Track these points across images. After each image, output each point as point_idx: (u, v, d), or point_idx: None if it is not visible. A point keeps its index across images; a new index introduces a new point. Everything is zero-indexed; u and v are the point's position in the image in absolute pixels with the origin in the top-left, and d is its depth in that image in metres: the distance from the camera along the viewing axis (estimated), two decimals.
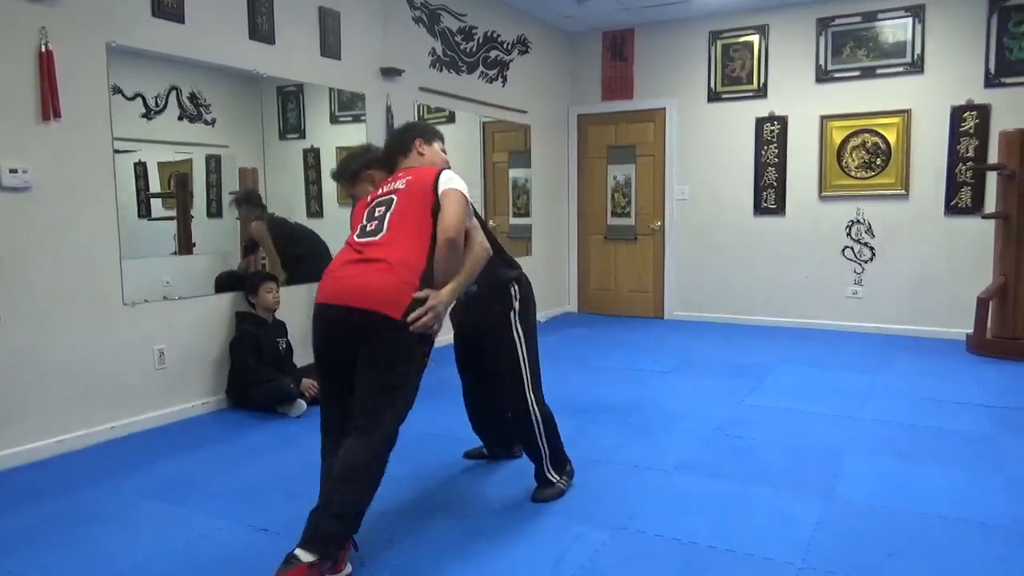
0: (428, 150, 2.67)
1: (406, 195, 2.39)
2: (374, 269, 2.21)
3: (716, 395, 4.40)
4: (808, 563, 2.34)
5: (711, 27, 6.88)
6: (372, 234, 2.31)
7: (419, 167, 2.54)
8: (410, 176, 2.45)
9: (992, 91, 5.86)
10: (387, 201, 2.39)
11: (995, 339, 5.47)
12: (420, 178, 2.43)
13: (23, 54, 3.27)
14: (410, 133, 2.71)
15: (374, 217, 2.36)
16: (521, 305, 2.83)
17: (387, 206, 2.37)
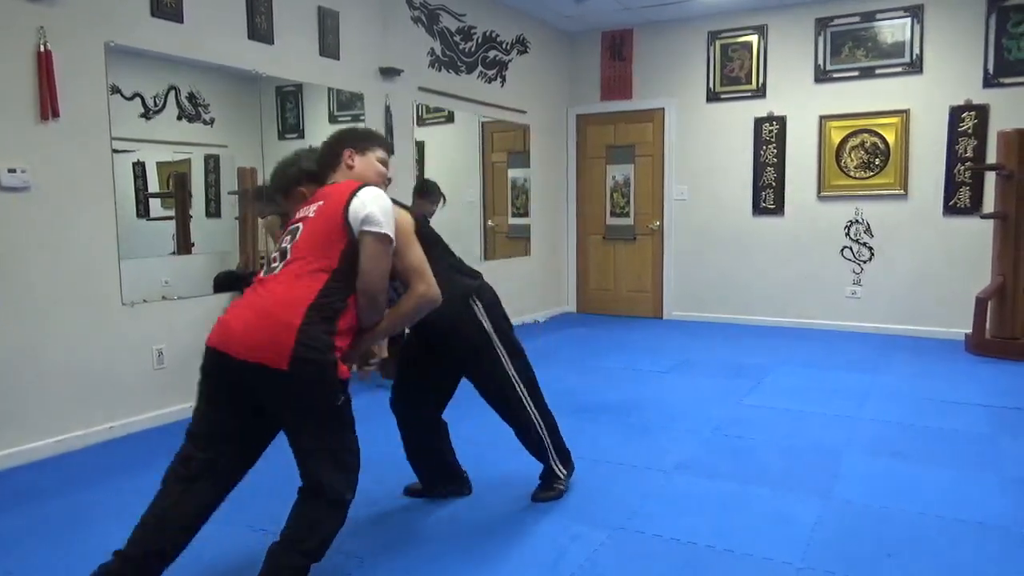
0: (360, 162, 2.29)
1: (311, 224, 2.07)
2: (256, 310, 1.96)
3: (715, 395, 4.40)
4: (807, 563, 2.34)
5: (710, 27, 6.89)
6: (272, 270, 2.03)
7: (337, 185, 2.18)
8: (322, 201, 2.11)
9: (991, 91, 5.87)
10: (293, 231, 2.09)
11: (994, 339, 5.48)
12: (330, 203, 2.08)
13: (22, 54, 3.27)
14: (339, 142, 2.31)
15: (280, 249, 2.08)
16: (489, 315, 2.66)
17: (292, 236, 2.07)
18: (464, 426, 3.87)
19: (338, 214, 2.03)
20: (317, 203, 2.11)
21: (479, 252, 6.59)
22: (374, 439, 3.66)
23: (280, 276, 1.99)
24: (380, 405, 4.35)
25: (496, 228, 6.82)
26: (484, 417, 4.00)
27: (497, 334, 2.68)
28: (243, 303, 2.02)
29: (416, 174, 5.74)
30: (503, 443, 3.56)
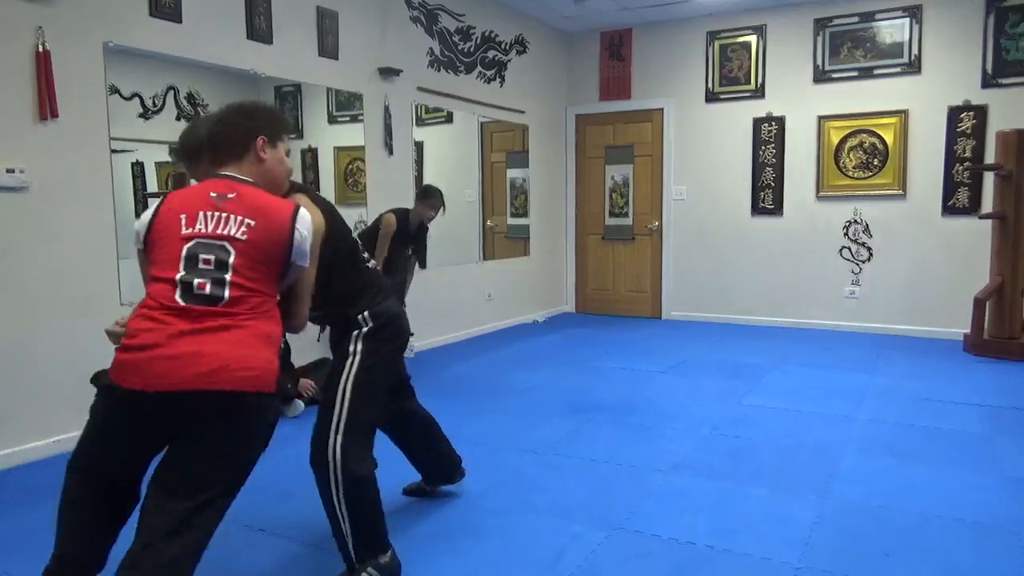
0: (271, 155, 1.94)
1: (252, 248, 1.76)
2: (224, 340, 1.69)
3: (713, 395, 4.40)
4: (805, 562, 2.35)
5: (709, 27, 6.89)
6: (208, 300, 1.70)
7: (258, 191, 1.85)
8: (254, 217, 1.78)
9: (989, 91, 5.87)
10: (217, 248, 1.73)
11: (992, 339, 5.48)
12: (272, 225, 1.79)
13: (20, 54, 3.27)
14: (253, 127, 1.92)
15: (198, 268, 1.72)
16: (375, 328, 2.19)
17: (219, 254, 1.73)
18: (464, 426, 3.87)
19: (281, 247, 1.80)
20: (242, 215, 1.78)
21: (478, 252, 6.59)
22: None
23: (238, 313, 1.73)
24: None
25: (495, 228, 6.83)
26: (483, 417, 4.01)
27: (366, 344, 2.19)
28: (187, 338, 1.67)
29: (415, 175, 5.74)
30: (502, 443, 3.57)
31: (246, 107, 1.99)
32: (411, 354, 5.45)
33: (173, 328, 1.66)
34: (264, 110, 2.03)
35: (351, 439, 2.12)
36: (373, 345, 2.19)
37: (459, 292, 6.29)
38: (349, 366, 2.16)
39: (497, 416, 4.01)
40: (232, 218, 1.77)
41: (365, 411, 2.16)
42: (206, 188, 1.83)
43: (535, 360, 5.47)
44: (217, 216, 1.77)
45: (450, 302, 6.15)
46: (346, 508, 2.12)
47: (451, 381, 4.86)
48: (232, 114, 1.95)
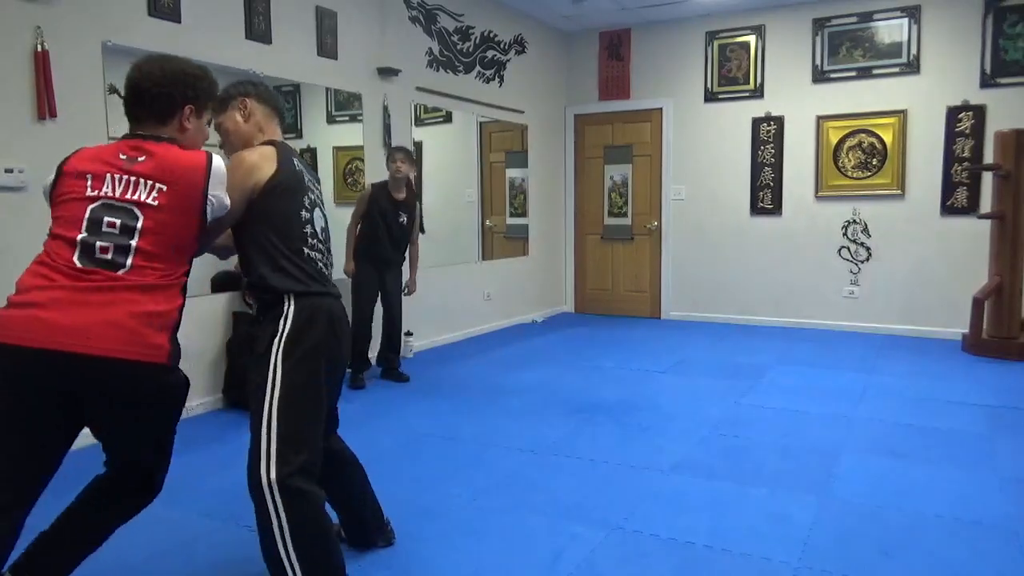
0: (194, 125, 1.90)
1: (163, 214, 1.70)
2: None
3: (712, 395, 4.41)
4: (804, 562, 2.35)
5: (708, 27, 6.89)
6: (109, 264, 1.64)
7: (170, 150, 1.77)
8: (166, 181, 1.71)
9: (988, 91, 5.88)
10: (125, 212, 1.68)
11: (991, 339, 5.49)
12: (185, 190, 1.74)
13: (19, 53, 3.26)
14: (193, 93, 1.88)
15: (102, 231, 1.66)
16: (293, 333, 1.91)
17: (126, 219, 1.67)
18: (462, 426, 3.88)
19: (195, 212, 1.75)
20: (154, 179, 1.71)
21: (477, 252, 6.59)
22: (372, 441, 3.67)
23: (136, 282, 1.66)
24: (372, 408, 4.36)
25: (494, 228, 6.82)
26: (482, 417, 4.01)
27: (285, 356, 1.91)
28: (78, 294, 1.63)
29: (414, 175, 5.73)
30: (501, 443, 3.57)
31: (187, 73, 1.89)
32: (410, 355, 5.45)
33: (61, 291, 1.63)
34: (204, 80, 1.94)
35: (287, 460, 1.84)
36: (299, 351, 1.91)
37: (458, 292, 6.29)
38: (272, 379, 1.88)
39: (496, 416, 4.01)
40: (143, 182, 1.71)
41: (297, 430, 1.88)
42: (117, 149, 1.76)
43: (534, 360, 5.47)
44: (126, 180, 1.70)
45: (449, 302, 6.15)
46: (292, 544, 1.83)
47: (450, 381, 4.85)
48: (171, 76, 1.84)
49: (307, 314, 1.93)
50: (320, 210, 2.09)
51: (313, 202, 2.06)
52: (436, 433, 3.70)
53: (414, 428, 3.80)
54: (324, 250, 2.07)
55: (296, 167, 2.03)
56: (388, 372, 4.84)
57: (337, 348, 2.03)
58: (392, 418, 4.00)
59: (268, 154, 1.98)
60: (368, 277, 4.65)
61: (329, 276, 2.08)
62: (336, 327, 2.01)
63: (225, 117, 2.16)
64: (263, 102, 2.18)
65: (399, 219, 4.67)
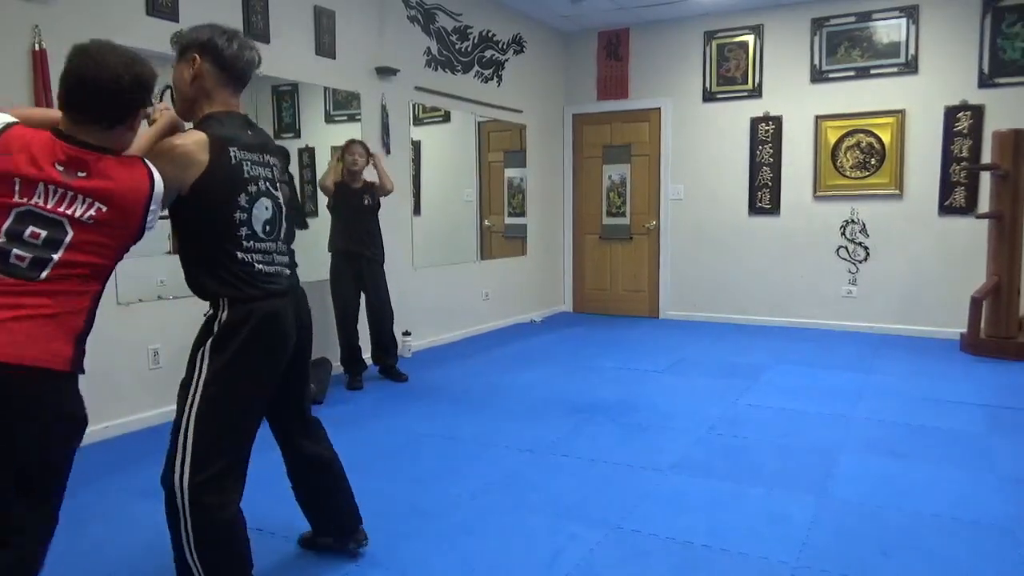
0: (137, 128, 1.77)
1: (97, 231, 1.62)
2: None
3: (711, 395, 4.41)
4: (802, 562, 2.35)
5: (706, 27, 6.89)
6: (22, 274, 1.54)
7: (109, 165, 1.65)
8: (105, 202, 1.62)
9: (986, 91, 5.88)
10: (52, 223, 1.57)
11: (989, 339, 5.49)
12: (124, 210, 1.67)
13: (16, 53, 3.26)
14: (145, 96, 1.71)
15: (22, 239, 1.55)
16: (219, 339, 1.86)
17: (53, 232, 1.57)
18: (461, 426, 3.88)
19: (132, 231, 1.72)
20: (87, 198, 1.60)
21: (475, 252, 6.59)
22: (371, 441, 3.66)
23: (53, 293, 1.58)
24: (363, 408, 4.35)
25: (493, 228, 6.82)
26: (480, 417, 4.01)
27: (212, 360, 1.87)
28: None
29: (412, 174, 5.74)
30: (499, 443, 3.57)
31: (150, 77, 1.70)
32: (408, 354, 5.45)
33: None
34: (149, 77, 1.71)
35: (201, 469, 1.82)
36: (224, 356, 1.85)
37: (456, 291, 6.28)
38: (195, 381, 1.85)
39: (494, 416, 4.00)
40: (80, 199, 1.59)
41: (216, 437, 1.84)
42: (52, 154, 1.58)
43: (532, 359, 5.47)
44: (61, 193, 1.57)
45: (447, 301, 6.15)
46: (196, 557, 1.83)
47: (448, 381, 4.85)
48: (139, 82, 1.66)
49: (239, 317, 1.86)
50: (267, 200, 1.95)
51: (255, 195, 1.91)
52: (435, 433, 3.70)
53: (413, 428, 3.79)
54: (265, 249, 1.95)
55: (231, 160, 1.87)
56: (385, 371, 4.83)
57: (279, 348, 1.97)
58: (391, 418, 4.00)
59: (199, 146, 1.83)
60: (344, 274, 4.62)
61: (274, 272, 1.97)
62: (276, 326, 1.94)
63: (176, 67, 2.01)
64: (219, 66, 1.97)
65: (364, 202, 4.62)
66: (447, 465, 3.26)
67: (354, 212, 4.61)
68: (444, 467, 3.24)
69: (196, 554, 1.83)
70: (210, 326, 1.88)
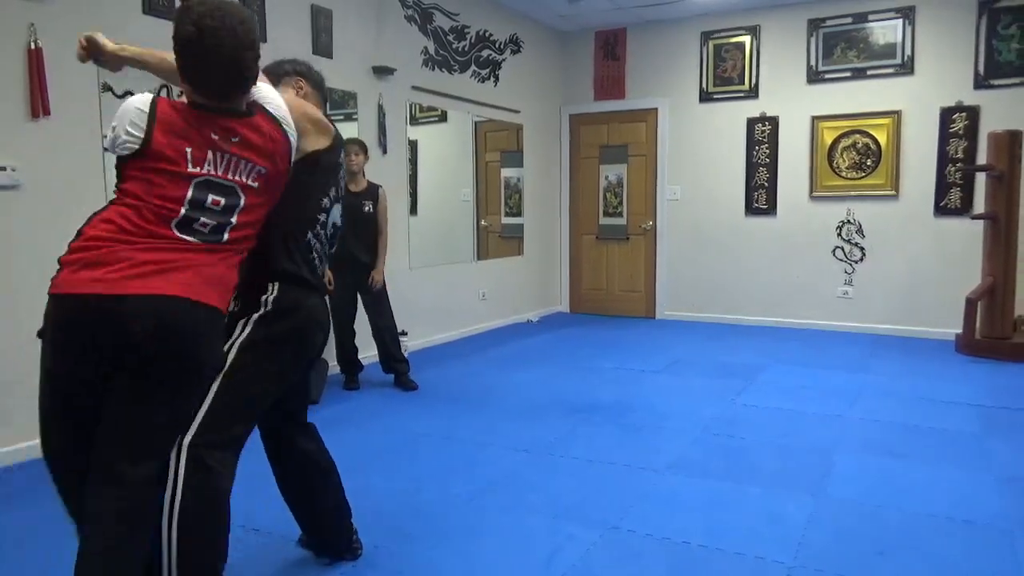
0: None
1: (263, 191, 1.81)
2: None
3: (707, 395, 4.41)
4: (799, 562, 2.35)
5: (703, 27, 6.90)
6: (206, 237, 1.71)
7: (254, 126, 1.79)
8: (265, 162, 1.79)
9: (981, 92, 5.90)
10: (228, 191, 1.73)
11: (984, 339, 5.51)
12: (279, 165, 1.84)
13: (12, 51, 3.25)
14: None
15: (204, 207, 1.70)
16: (269, 314, 1.88)
17: (229, 198, 1.74)
18: (458, 426, 3.88)
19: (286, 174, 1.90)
20: (249, 161, 1.76)
21: (472, 251, 6.59)
22: (369, 441, 3.66)
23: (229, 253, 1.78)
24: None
25: (489, 228, 6.82)
26: (477, 417, 4.01)
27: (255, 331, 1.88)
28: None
29: (409, 174, 5.74)
30: (496, 443, 3.56)
31: (255, 42, 1.77)
32: (405, 354, 5.43)
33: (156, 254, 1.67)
34: (257, 39, 1.80)
35: (211, 431, 1.76)
36: (266, 331, 1.86)
37: (453, 291, 6.28)
38: (230, 345, 1.84)
39: (491, 416, 4.00)
40: (243, 163, 1.75)
41: (236, 404, 1.81)
42: (208, 126, 1.72)
43: (529, 360, 5.47)
44: (227, 160, 1.73)
45: (444, 302, 6.15)
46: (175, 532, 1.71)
47: (445, 381, 4.85)
48: (249, 57, 1.74)
49: (290, 305, 1.89)
50: (339, 207, 2.12)
51: (335, 198, 2.09)
52: (432, 433, 3.69)
53: (410, 428, 3.79)
54: (321, 248, 2.05)
55: (339, 157, 2.10)
56: (397, 380, 4.73)
57: (312, 349, 2.02)
58: (388, 418, 3.99)
59: (329, 127, 2.01)
60: (340, 278, 4.53)
61: (321, 272, 2.05)
62: (318, 327, 2.00)
63: (281, 89, 2.05)
64: (316, 88, 2.19)
65: (363, 208, 4.50)
66: (444, 465, 3.26)
67: (352, 217, 4.53)
68: (441, 467, 3.23)
69: (176, 527, 1.70)
70: (256, 302, 1.88)
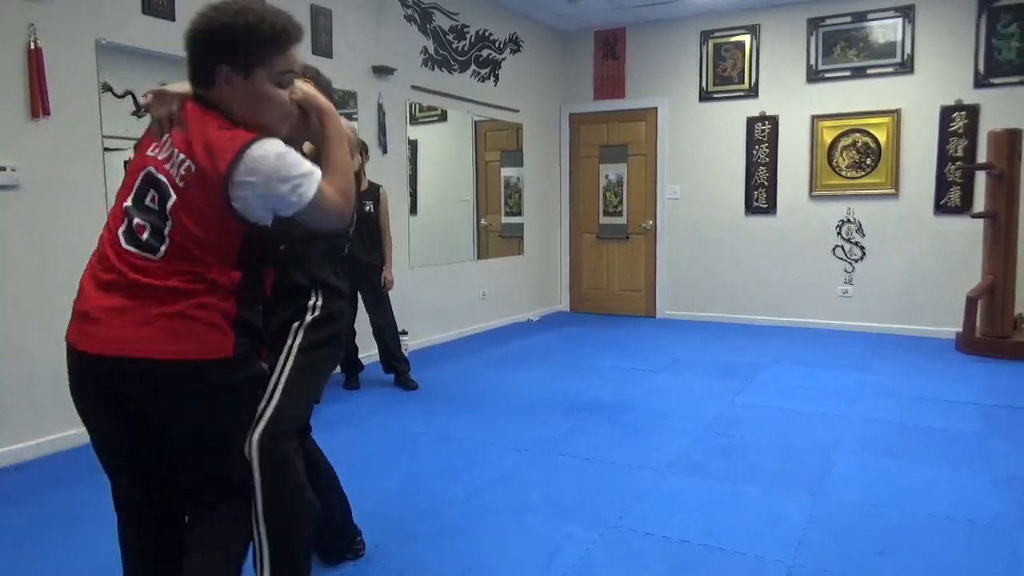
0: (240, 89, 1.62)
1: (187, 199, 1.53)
2: None
3: (707, 394, 4.41)
4: (798, 561, 2.35)
5: (703, 27, 6.90)
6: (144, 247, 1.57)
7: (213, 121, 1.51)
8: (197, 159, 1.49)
9: (981, 91, 5.90)
10: (162, 185, 1.52)
11: (984, 338, 5.51)
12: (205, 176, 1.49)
13: (12, 51, 3.25)
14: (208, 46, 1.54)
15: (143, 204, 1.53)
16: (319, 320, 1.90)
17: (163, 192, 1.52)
18: (457, 425, 3.87)
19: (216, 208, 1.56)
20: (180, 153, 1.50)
21: (472, 251, 6.59)
22: (368, 440, 3.66)
23: None
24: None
25: (489, 227, 6.82)
26: (477, 416, 4.01)
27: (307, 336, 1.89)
28: None
29: (409, 174, 5.74)
30: (496, 442, 3.56)
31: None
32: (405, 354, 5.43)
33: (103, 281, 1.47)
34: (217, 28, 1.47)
35: (276, 435, 1.70)
36: (317, 336, 1.89)
37: (453, 291, 6.28)
38: (288, 349, 1.83)
39: (491, 415, 4.00)
40: (175, 154, 1.41)
41: (297, 406, 1.80)
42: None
43: (529, 359, 5.47)
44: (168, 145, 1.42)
45: (444, 301, 6.15)
46: (264, 526, 1.69)
47: (445, 380, 4.85)
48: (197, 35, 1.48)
49: (335, 311, 1.96)
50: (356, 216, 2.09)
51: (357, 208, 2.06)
52: (432, 432, 3.69)
53: (409, 427, 3.79)
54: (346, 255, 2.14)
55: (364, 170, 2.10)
56: (397, 380, 4.74)
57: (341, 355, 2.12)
58: (388, 417, 3.99)
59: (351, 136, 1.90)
60: None
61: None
62: (346, 324, 2.09)
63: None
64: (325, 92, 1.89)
65: (364, 208, 4.43)
66: (444, 464, 3.26)
67: (356, 218, 4.49)
68: (441, 466, 3.23)
69: (264, 522, 1.68)
70: (304, 307, 1.90)
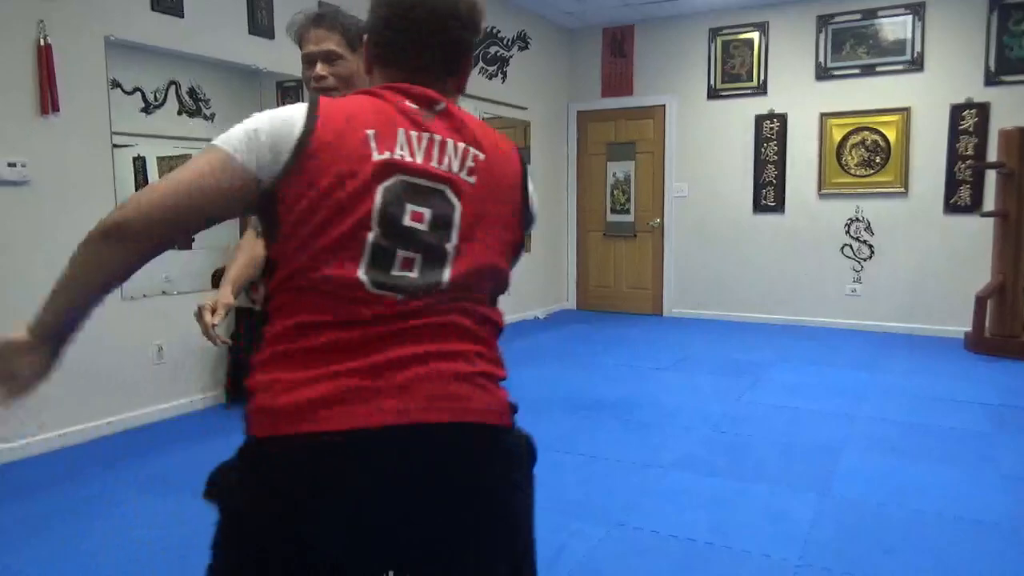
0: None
1: (483, 204, 1.07)
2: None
3: (714, 392, 4.41)
4: (805, 560, 2.35)
5: (711, 24, 6.88)
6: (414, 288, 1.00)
7: (485, 128, 1.11)
8: (483, 152, 1.07)
9: (992, 89, 5.86)
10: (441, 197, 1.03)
11: (993, 337, 5.48)
12: (504, 169, 1.10)
13: (21, 48, 3.26)
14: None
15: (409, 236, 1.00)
16: None
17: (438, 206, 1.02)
18: None
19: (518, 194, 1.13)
20: (467, 152, 1.06)
21: None
22: None
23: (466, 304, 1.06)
24: None
25: None
26: None
27: None
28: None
29: None
30: None
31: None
32: None
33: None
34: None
35: None
36: None
37: None
38: None
39: None
40: (449, 144, 1.05)
41: None
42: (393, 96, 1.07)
43: (536, 357, 5.47)
44: (428, 140, 1.03)
45: None
46: None
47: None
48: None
49: None
50: None
51: None
52: None
53: None
54: None
55: None
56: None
57: None
58: None
59: None
60: None
61: None
62: None
63: (355, 58, 1.64)
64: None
65: None
66: None
67: None
68: None
69: None
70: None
